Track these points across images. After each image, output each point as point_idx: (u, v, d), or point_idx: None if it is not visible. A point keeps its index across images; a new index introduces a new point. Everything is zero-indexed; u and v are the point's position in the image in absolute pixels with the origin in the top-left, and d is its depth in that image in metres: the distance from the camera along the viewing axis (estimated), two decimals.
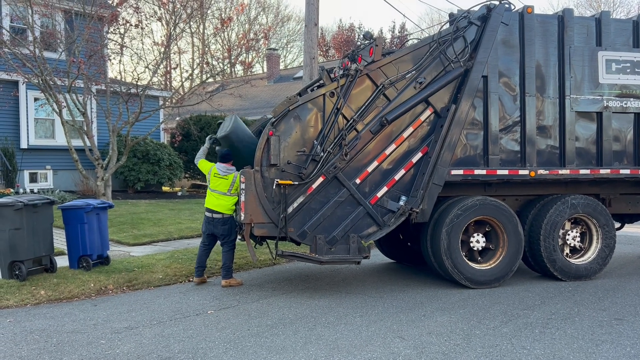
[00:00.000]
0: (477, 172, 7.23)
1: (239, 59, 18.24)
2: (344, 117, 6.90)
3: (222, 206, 7.26)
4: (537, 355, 4.76)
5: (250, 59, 20.88)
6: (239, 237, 7.49)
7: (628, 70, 7.78)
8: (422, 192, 6.93)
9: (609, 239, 7.72)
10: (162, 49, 15.27)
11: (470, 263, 7.20)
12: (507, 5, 7.40)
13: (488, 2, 7.41)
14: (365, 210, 6.90)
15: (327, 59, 36.78)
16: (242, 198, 6.61)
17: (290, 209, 6.69)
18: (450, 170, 7.08)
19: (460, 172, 7.16)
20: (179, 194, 19.14)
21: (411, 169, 7.10)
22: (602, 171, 7.65)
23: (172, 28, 15.54)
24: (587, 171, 7.60)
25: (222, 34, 30.87)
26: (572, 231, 7.70)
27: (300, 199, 6.74)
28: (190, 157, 19.57)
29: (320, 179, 6.77)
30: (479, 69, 7.19)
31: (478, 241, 7.31)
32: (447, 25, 7.77)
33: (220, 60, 18.39)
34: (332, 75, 7.05)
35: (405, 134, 7.10)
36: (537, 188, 7.83)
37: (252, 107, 24.91)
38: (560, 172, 7.51)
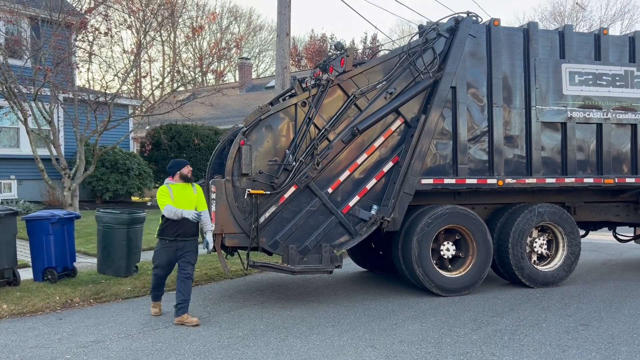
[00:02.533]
0: (446, 181, 7.33)
1: (211, 67, 18.16)
2: (316, 126, 6.92)
3: None
4: None
5: (222, 68, 20.79)
6: (210, 249, 7.24)
7: (590, 82, 8.03)
8: (394, 201, 6.99)
9: (574, 246, 7.91)
10: (132, 57, 15.10)
11: (440, 271, 7.28)
12: (474, 18, 7.56)
13: (456, 15, 7.57)
14: (338, 220, 6.91)
15: (299, 69, 36.92)
16: (213, 208, 6.54)
17: (262, 219, 6.66)
18: (421, 179, 7.17)
19: (430, 181, 7.25)
20: (149, 204, 18.85)
21: (382, 178, 7.15)
22: (567, 180, 7.86)
23: (143, 36, 15.39)
24: (553, 180, 7.79)
25: (194, 43, 30.73)
26: (539, 239, 7.87)
27: (272, 209, 6.72)
28: (160, 166, 19.32)
29: (293, 189, 6.76)
30: (447, 80, 7.32)
31: (448, 249, 7.41)
32: (417, 36, 7.89)
33: (191, 68, 18.25)
34: (303, 85, 7.08)
35: (377, 144, 7.16)
36: (505, 197, 7.99)
37: (224, 116, 24.78)
38: (527, 181, 7.68)
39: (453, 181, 7.37)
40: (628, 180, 8.16)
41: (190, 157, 19.36)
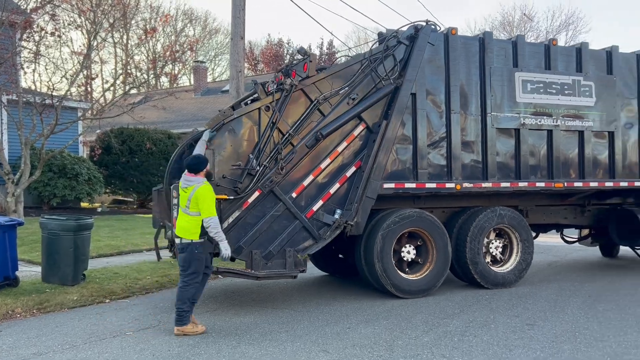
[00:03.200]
0: (407, 185, 7.47)
1: (164, 70, 17.80)
2: (280, 131, 6.91)
3: (184, 229, 5.79)
4: None
5: (176, 71, 20.40)
6: (168, 254, 7.02)
7: (541, 90, 8.40)
8: (357, 205, 7.05)
9: (527, 254, 8.22)
10: (82, 59, 14.58)
11: (399, 271, 7.40)
12: (433, 27, 7.76)
13: (416, 23, 7.74)
14: (302, 224, 6.91)
15: (256, 73, 36.83)
16: (175, 214, 6.40)
17: (225, 224, 6.56)
18: (383, 183, 7.27)
19: (392, 185, 7.37)
20: (99, 210, 18.23)
21: (345, 183, 7.21)
22: (521, 184, 8.17)
23: (93, 37, 14.89)
24: (508, 184, 8.08)
25: (147, 45, 30.01)
26: (495, 241, 8.13)
27: (236, 214, 6.65)
28: (111, 171, 18.72)
29: (256, 193, 6.71)
30: (408, 86, 7.47)
31: (409, 252, 7.54)
32: (377, 44, 8.01)
33: (144, 71, 17.83)
34: (267, 90, 7.04)
35: (340, 149, 7.21)
36: (462, 200, 8.22)
37: (178, 120, 24.29)
38: (484, 185, 7.93)
39: (414, 185, 7.51)
40: (576, 184, 8.56)
41: (142, 161, 18.88)
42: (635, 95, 9.10)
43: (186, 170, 5.97)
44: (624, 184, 8.93)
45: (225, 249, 5.76)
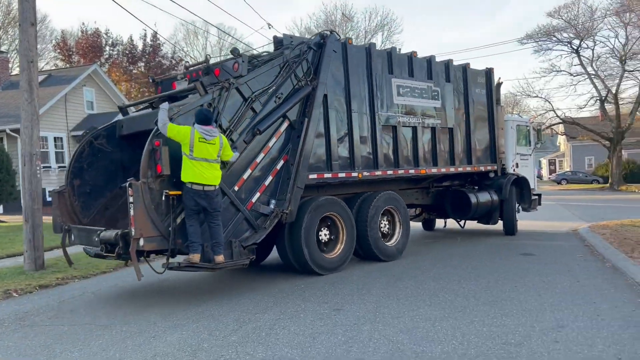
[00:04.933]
0: (325, 175, 8.46)
1: None
2: (221, 127, 7.18)
3: (215, 177, 6.63)
4: (259, 358, 4.80)
5: None
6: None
7: (409, 94, 10.18)
8: (289, 195, 7.76)
9: (406, 229, 9.96)
10: None
11: (320, 252, 8.36)
12: (337, 36, 8.83)
13: (322, 32, 8.71)
14: (244, 216, 7.33)
15: (71, 65, 33.46)
16: (132, 212, 6.26)
17: (178, 220, 6.64)
18: (308, 174, 8.11)
19: (315, 176, 8.28)
20: None
21: (276, 175, 7.84)
22: (399, 171, 9.84)
23: None
24: (391, 172, 9.67)
25: None
26: (384, 220, 9.65)
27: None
28: None
29: None
30: (322, 88, 8.42)
31: (326, 234, 8.55)
32: (274, 48, 8.73)
33: None
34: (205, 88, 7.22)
35: (270, 144, 7.80)
36: (356, 187, 9.51)
37: None
38: (376, 173, 9.36)
39: (330, 175, 8.55)
40: (433, 170, 10.63)
41: None
42: (463, 98, 11.56)
43: (200, 125, 6.60)
44: (460, 169, 11.35)
45: None
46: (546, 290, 6.87)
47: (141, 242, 6.34)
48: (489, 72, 12.45)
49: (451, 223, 13.75)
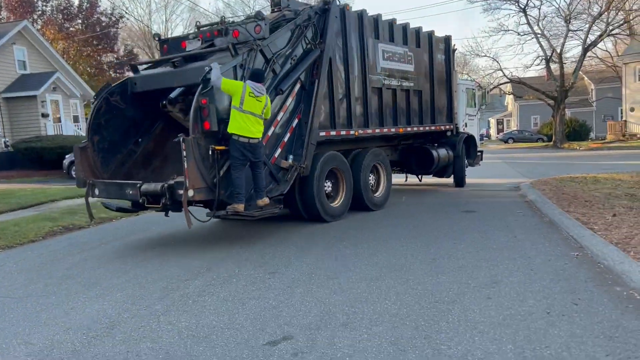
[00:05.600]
0: (332, 133, 9.24)
1: None
2: None
3: (259, 131, 7.25)
4: (180, 328, 4.46)
5: None
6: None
7: (390, 58, 11.06)
8: (305, 151, 8.48)
9: (389, 182, 11.03)
10: None
11: (328, 202, 9.24)
12: (337, 2, 9.46)
13: None
14: (269, 170, 7.98)
15: None
16: (185, 165, 6.72)
17: (221, 173, 7.17)
18: (319, 132, 8.85)
19: (324, 133, 9.04)
20: None
21: (292, 133, 8.51)
22: (384, 130, 10.82)
23: None
24: (378, 130, 10.63)
25: None
26: (371, 174, 10.65)
27: (228, 164, 7.28)
28: None
29: None
30: (328, 51, 9.07)
31: (329, 186, 9.42)
32: (277, 12, 9.21)
33: None
34: (237, 47, 7.64)
35: (287, 103, 8.42)
36: (350, 144, 10.37)
37: None
38: (367, 131, 10.27)
39: (334, 133, 9.33)
40: (408, 128, 11.73)
41: None
42: (429, 63, 12.64)
43: (251, 81, 7.25)
44: (427, 128, 12.56)
45: None
46: (484, 247, 6.77)
47: (191, 192, 6.83)
48: (448, 39, 13.62)
49: (402, 179, 14.98)
